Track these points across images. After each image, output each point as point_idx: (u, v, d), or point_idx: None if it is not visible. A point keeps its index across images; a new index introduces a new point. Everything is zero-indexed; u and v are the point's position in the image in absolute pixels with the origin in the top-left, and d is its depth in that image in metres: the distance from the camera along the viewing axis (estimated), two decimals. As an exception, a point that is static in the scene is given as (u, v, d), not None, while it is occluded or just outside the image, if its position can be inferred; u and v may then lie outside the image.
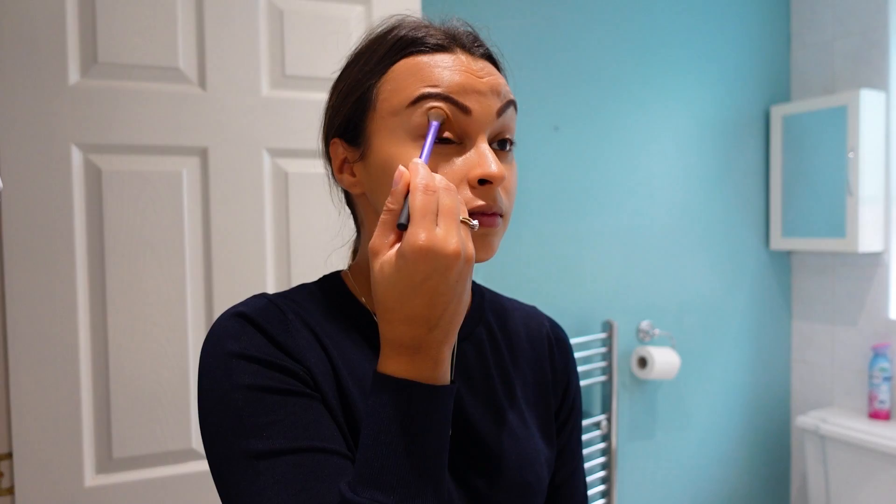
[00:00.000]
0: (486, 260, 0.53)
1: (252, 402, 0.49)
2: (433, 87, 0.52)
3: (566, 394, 0.69)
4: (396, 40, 0.55)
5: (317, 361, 0.53)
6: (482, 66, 0.54)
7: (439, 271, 0.44)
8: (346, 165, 0.58)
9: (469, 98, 0.52)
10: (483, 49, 0.57)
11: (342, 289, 0.61)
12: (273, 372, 0.50)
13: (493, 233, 0.53)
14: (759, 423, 2.07)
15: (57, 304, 1.04)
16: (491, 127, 0.53)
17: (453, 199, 0.46)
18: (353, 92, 0.56)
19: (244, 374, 0.50)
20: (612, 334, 1.70)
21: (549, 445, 0.65)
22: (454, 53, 0.54)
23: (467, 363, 0.62)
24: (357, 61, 0.58)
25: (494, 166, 0.50)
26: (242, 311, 0.53)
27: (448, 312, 0.46)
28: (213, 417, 0.50)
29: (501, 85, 0.54)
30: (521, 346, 0.67)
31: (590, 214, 1.72)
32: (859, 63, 1.90)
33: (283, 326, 0.53)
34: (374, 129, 0.54)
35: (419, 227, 0.44)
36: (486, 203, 0.52)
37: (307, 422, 0.49)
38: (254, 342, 0.51)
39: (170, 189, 1.11)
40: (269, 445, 0.47)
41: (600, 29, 1.71)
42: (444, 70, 0.52)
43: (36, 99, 1.02)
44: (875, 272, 1.89)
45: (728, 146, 1.96)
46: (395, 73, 0.54)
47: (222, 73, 1.13)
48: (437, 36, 0.54)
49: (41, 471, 1.03)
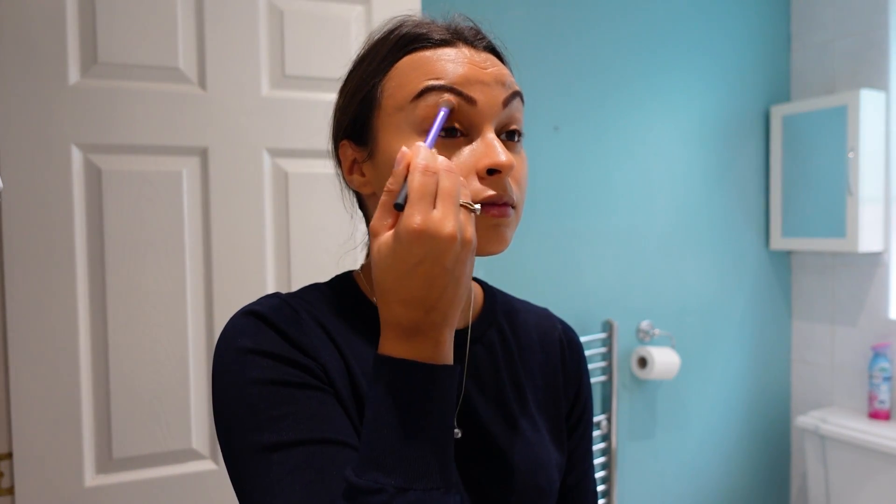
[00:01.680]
0: (499, 252, 0.53)
1: (266, 396, 0.49)
2: (437, 79, 0.52)
3: (577, 397, 0.69)
4: (399, 38, 0.55)
5: (330, 358, 0.53)
6: (485, 57, 0.54)
7: (434, 254, 0.44)
8: (355, 166, 0.58)
9: (474, 89, 0.52)
10: (486, 42, 0.57)
11: (353, 289, 0.61)
12: (287, 367, 0.50)
13: (506, 223, 0.52)
14: (759, 423, 2.07)
15: (57, 304, 1.04)
16: (497, 117, 0.53)
17: (454, 182, 0.45)
18: (358, 92, 0.56)
19: (258, 368, 0.50)
20: (612, 334, 1.70)
21: (560, 449, 0.65)
22: (457, 47, 0.54)
23: (479, 366, 0.61)
24: (361, 63, 0.58)
25: (503, 156, 0.50)
26: (256, 310, 0.53)
27: (446, 295, 0.46)
28: (228, 412, 0.50)
29: (506, 75, 0.54)
30: (533, 349, 0.67)
31: (590, 214, 1.72)
32: (859, 63, 1.90)
33: (296, 324, 0.53)
34: (381, 127, 0.54)
35: (415, 209, 0.43)
36: (496, 193, 0.51)
37: (321, 415, 0.49)
38: (268, 338, 0.51)
39: (170, 189, 1.11)
40: (283, 437, 0.47)
41: (601, 28, 1.71)
42: (448, 63, 0.52)
43: (36, 99, 1.02)
44: (875, 272, 1.89)
45: (728, 146, 1.96)
46: (399, 70, 0.54)
47: (222, 73, 1.13)
48: (439, 31, 0.55)
49: (41, 471, 1.03)
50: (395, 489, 0.43)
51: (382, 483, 0.43)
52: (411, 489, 0.43)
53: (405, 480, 0.43)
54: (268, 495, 0.46)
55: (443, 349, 0.47)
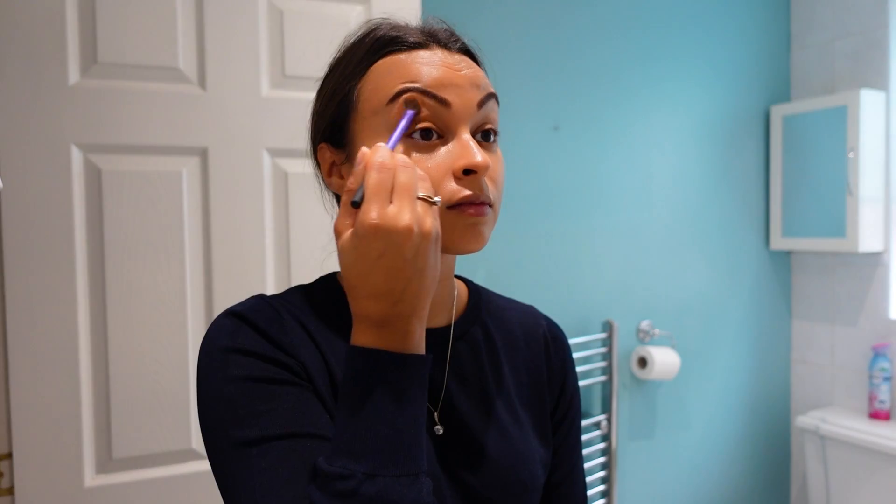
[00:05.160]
0: (477, 250, 0.54)
1: (246, 393, 0.50)
2: (411, 82, 0.52)
3: (563, 392, 0.69)
4: (374, 41, 0.56)
5: (310, 357, 0.54)
6: (459, 59, 0.55)
7: (393, 247, 0.45)
8: (334, 169, 0.60)
9: (448, 91, 0.53)
10: (459, 43, 0.58)
11: (336, 289, 0.62)
12: (266, 364, 0.51)
13: (483, 222, 0.53)
14: (759, 423, 2.07)
15: (57, 304, 1.04)
16: (472, 119, 0.54)
17: (410, 176, 0.46)
18: (335, 96, 0.57)
19: (239, 366, 0.51)
20: (612, 334, 1.70)
21: (545, 445, 0.65)
22: (431, 49, 0.55)
23: (462, 363, 0.62)
24: (338, 66, 0.59)
25: (478, 156, 0.51)
26: (237, 311, 0.55)
27: (411, 287, 0.46)
28: (210, 411, 0.51)
29: (480, 77, 0.55)
30: (518, 345, 0.68)
31: (590, 214, 1.72)
32: (859, 63, 1.90)
33: (277, 323, 0.54)
34: (357, 130, 0.55)
35: (371, 205, 0.45)
36: (472, 193, 0.52)
37: (300, 410, 0.50)
38: (248, 338, 0.52)
39: (170, 189, 1.11)
40: (263, 433, 0.48)
41: (600, 29, 1.71)
42: (423, 66, 0.53)
43: (36, 99, 1.02)
44: (875, 272, 1.89)
45: (728, 146, 1.96)
46: (375, 73, 0.55)
47: (222, 73, 1.13)
48: (414, 34, 0.56)
49: (41, 471, 1.03)
50: (363, 475, 0.43)
51: (352, 469, 0.43)
52: (379, 475, 0.44)
53: (374, 467, 0.44)
54: (249, 490, 0.47)
55: (412, 339, 0.48)
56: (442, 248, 0.53)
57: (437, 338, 0.61)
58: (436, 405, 0.59)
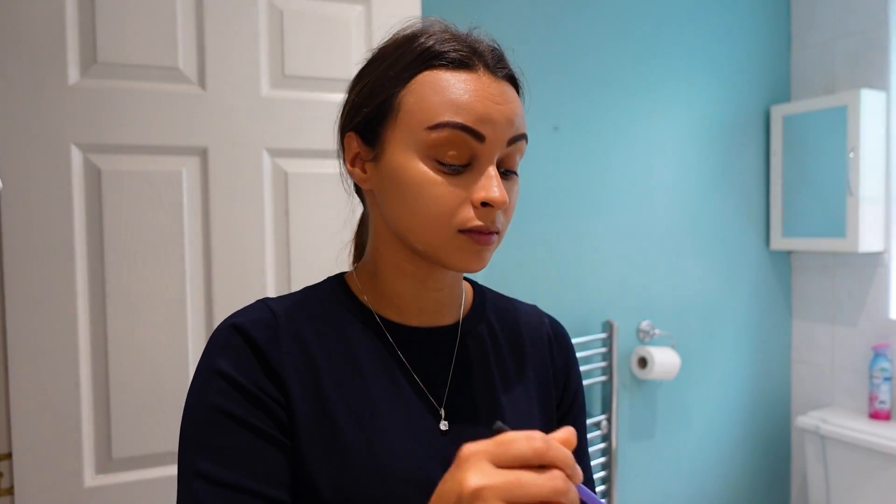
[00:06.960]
0: (477, 271, 0.57)
1: (211, 423, 0.53)
2: (454, 114, 0.53)
3: (566, 389, 0.70)
4: (422, 50, 0.56)
5: (296, 370, 0.56)
6: (502, 91, 0.56)
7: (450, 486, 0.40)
8: (358, 160, 0.60)
9: (485, 126, 0.54)
10: (506, 71, 0.58)
11: (344, 289, 0.63)
12: (244, 400, 0.53)
13: (488, 249, 0.56)
14: (759, 423, 2.07)
15: (57, 304, 1.04)
16: (500, 153, 0.56)
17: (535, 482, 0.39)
18: (376, 95, 0.57)
19: (217, 393, 0.54)
20: (612, 334, 1.70)
21: None
22: (476, 72, 0.55)
23: (468, 359, 0.63)
24: (382, 61, 0.58)
25: (497, 191, 0.53)
26: (238, 322, 0.57)
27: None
28: (183, 423, 0.55)
29: (517, 115, 0.56)
30: (522, 344, 0.69)
31: (590, 214, 1.72)
32: (859, 63, 1.90)
33: (272, 339, 0.56)
34: (391, 138, 0.56)
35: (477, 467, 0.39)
36: (484, 224, 0.54)
37: (253, 460, 0.52)
38: (237, 359, 0.55)
39: (170, 189, 1.11)
40: (212, 471, 0.51)
41: (601, 28, 1.71)
42: (466, 94, 0.54)
43: (36, 99, 1.02)
44: (875, 272, 1.89)
45: (728, 146, 1.96)
46: (418, 86, 0.55)
47: (222, 73, 1.13)
48: (461, 51, 0.55)
49: (41, 471, 1.03)
50: None
51: None
52: None
53: None
54: None
55: None
56: (444, 265, 0.56)
57: (444, 335, 0.63)
58: (441, 401, 0.60)
